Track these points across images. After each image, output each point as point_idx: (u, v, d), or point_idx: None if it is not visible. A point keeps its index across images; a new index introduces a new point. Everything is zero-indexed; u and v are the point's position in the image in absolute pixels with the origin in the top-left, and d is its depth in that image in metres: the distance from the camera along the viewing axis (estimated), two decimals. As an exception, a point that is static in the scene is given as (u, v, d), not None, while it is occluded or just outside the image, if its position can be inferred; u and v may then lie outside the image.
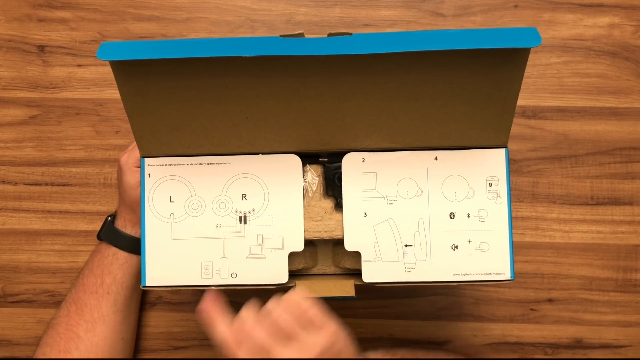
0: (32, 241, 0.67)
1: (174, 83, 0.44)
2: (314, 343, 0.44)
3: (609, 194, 0.65)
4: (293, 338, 0.44)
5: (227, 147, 0.48)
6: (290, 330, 0.44)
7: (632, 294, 0.64)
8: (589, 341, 0.65)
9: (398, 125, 0.47)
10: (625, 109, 0.65)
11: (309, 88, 0.44)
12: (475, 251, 0.48)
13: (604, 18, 0.65)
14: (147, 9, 0.67)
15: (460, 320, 0.65)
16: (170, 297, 0.66)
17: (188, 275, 0.49)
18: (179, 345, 0.66)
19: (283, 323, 0.44)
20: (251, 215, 0.49)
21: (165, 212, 0.49)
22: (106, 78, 0.67)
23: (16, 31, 0.67)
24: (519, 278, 0.65)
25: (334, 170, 0.50)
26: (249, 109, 0.45)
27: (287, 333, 0.44)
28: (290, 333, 0.44)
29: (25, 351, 0.67)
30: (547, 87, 0.65)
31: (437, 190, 0.49)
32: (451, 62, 0.42)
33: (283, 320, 0.44)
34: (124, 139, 0.67)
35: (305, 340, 0.44)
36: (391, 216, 0.49)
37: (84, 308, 0.57)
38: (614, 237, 0.65)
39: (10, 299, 0.67)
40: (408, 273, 0.49)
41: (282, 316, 0.44)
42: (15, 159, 0.67)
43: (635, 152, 0.65)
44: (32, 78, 0.67)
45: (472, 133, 0.47)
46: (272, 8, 0.66)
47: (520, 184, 0.65)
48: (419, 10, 0.66)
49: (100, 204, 0.67)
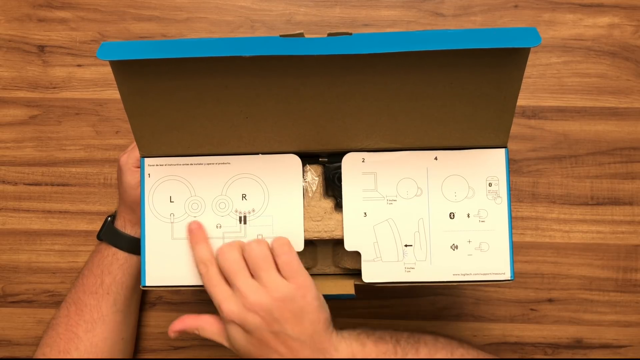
0: (32, 241, 0.67)
1: (173, 83, 0.44)
2: (277, 287, 0.44)
3: (609, 194, 0.65)
4: (260, 272, 0.45)
5: (227, 147, 0.48)
6: (261, 265, 0.45)
7: (632, 294, 0.64)
8: (589, 341, 0.65)
9: (398, 125, 0.47)
10: (625, 109, 0.65)
11: (308, 88, 0.44)
12: (475, 251, 0.48)
13: (604, 18, 0.65)
14: (147, 9, 0.67)
15: (460, 320, 0.65)
16: (170, 297, 0.66)
17: (188, 275, 0.49)
18: (179, 345, 0.66)
19: (256, 256, 0.45)
20: (251, 215, 0.49)
21: (165, 212, 0.49)
22: (106, 78, 0.67)
23: (16, 31, 0.67)
24: (519, 278, 0.65)
25: (334, 170, 0.50)
26: (249, 109, 0.45)
27: (257, 265, 0.45)
28: (259, 266, 0.45)
29: (25, 351, 0.67)
30: (547, 87, 0.65)
31: (437, 190, 0.49)
32: (451, 62, 0.42)
33: (257, 253, 0.45)
34: (124, 139, 0.67)
35: (271, 278, 0.45)
36: (391, 216, 0.49)
37: (83, 308, 0.57)
38: (614, 237, 0.65)
39: (10, 299, 0.67)
40: (408, 273, 0.49)
41: (258, 249, 0.45)
42: (15, 159, 0.67)
43: (635, 152, 0.65)
44: (32, 78, 0.67)
45: (472, 133, 0.47)
46: (272, 8, 0.67)
47: (520, 184, 0.65)
48: (419, 10, 0.66)
49: (100, 204, 0.67)
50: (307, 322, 0.45)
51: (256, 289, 0.44)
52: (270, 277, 0.45)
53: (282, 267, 0.45)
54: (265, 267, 0.45)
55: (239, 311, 0.44)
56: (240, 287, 0.44)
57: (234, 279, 0.45)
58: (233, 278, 0.45)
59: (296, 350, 0.44)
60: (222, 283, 0.46)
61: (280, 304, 0.44)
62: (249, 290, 0.44)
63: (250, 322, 0.44)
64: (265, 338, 0.44)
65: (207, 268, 0.46)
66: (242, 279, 0.45)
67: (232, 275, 0.45)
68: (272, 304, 0.44)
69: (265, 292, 0.44)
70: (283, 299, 0.44)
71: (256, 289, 0.44)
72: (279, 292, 0.44)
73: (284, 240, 0.46)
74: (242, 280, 0.45)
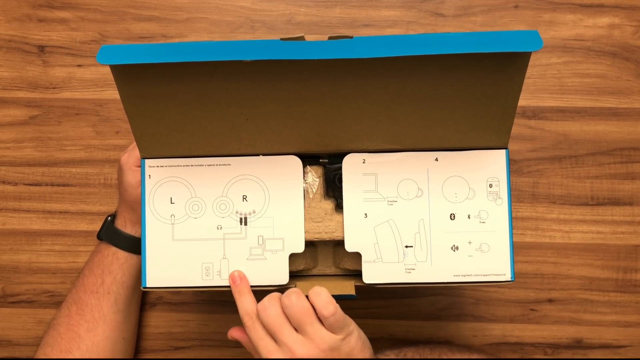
0: (32, 241, 0.67)
1: (174, 85, 0.43)
2: (323, 339, 0.44)
3: (609, 194, 0.65)
4: (305, 327, 0.45)
5: (227, 148, 0.48)
6: (305, 319, 0.45)
7: (632, 294, 0.65)
8: (589, 341, 0.65)
9: (399, 127, 0.47)
10: (625, 109, 0.65)
11: (309, 91, 0.44)
12: (475, 252, 0.48)
13: (604, 18, 0.65)
14: (147, 9, 0.67)
15: (461, 321, 0.65)
16: (170, 297, 0.66)
17: (189, 276, 0.49)
18: (179, 345, 0.66)
19: (299, 312, 0.45)
20: (252, 216, 0.49)
21: (165, 213, 0.49)
22: (106, 78, 0.67)
23: (16, 31, 0.67)
24: (519, 278, 0.65)
25: (335, 172, 0.50)
26: (250, 110, 0.45)
27: (301, 320, 0.45)
28: (303, 321, 0.45)
29: (25, 351, 0.67)
30: (547, 87, 0.65)
31: (437, 191, 0.49)
32: (452, 66, 0.42)
33: (299, 308, 0.45)
34: (124, 139, 0.67)
35: (316, 332, 0.44)
36: (392, 217, 0.49)
37: (84, 308, 0.57)
38: (614, 238, 0.65)
39: (11, 299, 0.67)
40: (408, 274, 0.49)
41: (299, 304, 0.45)
42: (15, 159, 0.67)
43: (635, 152, 0.65)
44: (32, 78, 0.67)
45: (473, 135, 0.47)
46: (272, 8, 0.66)
47: (520, 185, 0.65)
48: (419, 10, 0.66)
49: (100, 204, 0.67)
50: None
51: (302, 343, 0.44)
52: (315, 330, 0.45)
53: (330, 326, 0.45)
54: (309, 321, 0.45)
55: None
56: (286, 342, 0.45)
57: (278, 334, 0.45)
58: (278, 334, 0.45)
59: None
60: (267, 337, 0.46)
61: (328, 354, 0.44)
62: (296, 344, 0.44)
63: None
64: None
65: (253, 322, 0.46)
66: (286, 333, 0.45)
67: (276, 330, 0.45)
68: (319, 355, 0.44)
69: (312, 345, 0.44)
70: (331, 350, 0.44)
71: (302, 342, 0.45)
72: (325, 343, 0.44)
73: (325, 299, 0.45)
74: (287, 335, 0.45)
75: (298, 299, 0.45)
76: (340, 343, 0.45)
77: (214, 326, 0.66)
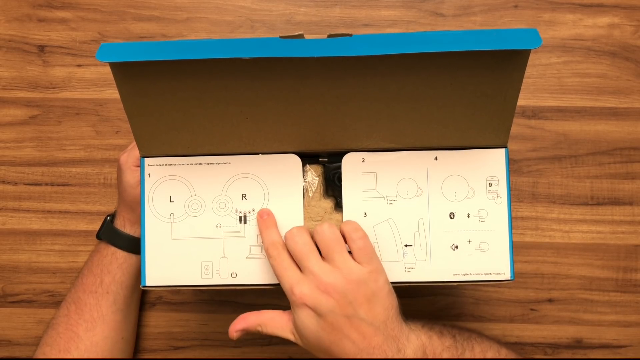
0: (32, 241, 0.67)
1: (173, 84, 0.44)
2: (351, 270, 0.43)
3: (609, 194, 0.65)
4: (333, 254, 0.44)
5: (226, 147, 0.48)
6: (335, 247, 0.44)
7: (632, 294, 0.64)
8: (589, 341, 0.65)
9: (398, 126, 0.47)
10: (625, 109, 0.65)
11: (308, 89, 0.44)
12: (475, 251, 0.48)
13: (604, 18, 0.65)
14: (147, 9, 0.67)
15: (460, 320, 0.65)
16: (170, 297, 0.66)
17: (188, 275, 0.49)
18: (179, 345, 0.66)
19: (328, 238, 0.44)
20: (251, 215, 0.49)
21: (165, 212, 0.49)
22: (106, 78, 0.67)
23: (16, 31, 0.67)
24: (519, 278, 0.65)
25: (334, 170, 0.50)
26: (249, 109, 0.45)
27: (330, 247, 0.44)
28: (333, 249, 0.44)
29: (25, 351, 0.67)
30: (547, 87, 0.65)
31: (437, 190, 0.49)
32: (451, 64, 0.42)
33: (329, 235, 0.44)
34: (124, 139, 0.67)
35: (344, 260, 0.43)
36: (391, 216, 0.49)
37: (83, 307, 0.57)
38: (614, 237, 0.65)
39: (10, 299, 0.67)
40: (408, 273, 0.49)
41: (329, 231, 0.44)
42: (15, 159, 0.67)
43: (635, 152, 0.65)
44: (32, 78, 0.67)
45: (472, 133, 0.47)
46: (272, 8, 0.66)
47: (520, 184, 0.65)
48: (419, 10, 0.66)
49: (100, 204, 0.67)
50: (379, 307, 0.44)
51: (329, 271, 0.43)
52: (344, 260, 0.44)
53: (357, 252, 0.44)
54: (339, 249, 0.44)
55: (312, 293, 0.43)
56: (312, 269, 0.43)
57: (305, 261, 0.44)
58: (305, 260, 0.44)
59: (369, 336, 0.43)
60: (293, 266, 0.45)
61: (354, 287, 0.43)
62: (322, 272, 0.43)
63: (324, 305, 0.43)
64: (337, 322, 0.43)
65: (278, 251, 0.45)
66: (314, 261, 0.44)
67: (303, 257, 0.44)
68: (345, 286, 0.43)
69: (339, 274, 0.43)
70: (357, 282, 0.43)
71: (329, 270, 0.43)
72: (352, 274, 0.43)
73: (355, 225, 0.45)
74: (314, 263, 0.44)
75: (330, 227, 0.44)
76: (367, 276, 0.43)
77: (214, 326, 0.66)
